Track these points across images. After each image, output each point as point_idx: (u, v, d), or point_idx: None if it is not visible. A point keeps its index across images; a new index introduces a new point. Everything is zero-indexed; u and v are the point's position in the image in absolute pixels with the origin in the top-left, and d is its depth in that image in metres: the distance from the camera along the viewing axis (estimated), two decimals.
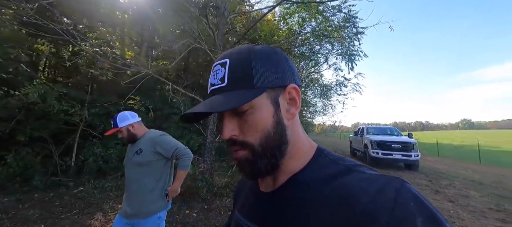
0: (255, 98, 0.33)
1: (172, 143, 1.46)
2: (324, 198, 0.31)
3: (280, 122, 0.36)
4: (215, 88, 0.36)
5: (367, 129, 9.07)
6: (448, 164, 8.80)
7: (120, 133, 1.46)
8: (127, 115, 1.49)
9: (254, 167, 0.35)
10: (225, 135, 0.35)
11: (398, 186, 0.27)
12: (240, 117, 0.35)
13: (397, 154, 7.01)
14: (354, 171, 0.32)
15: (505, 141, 24.28)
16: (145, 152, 1.41)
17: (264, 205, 0.39)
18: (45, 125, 4.73)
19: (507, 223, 2.99)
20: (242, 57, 0.35)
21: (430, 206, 0.26)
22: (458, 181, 5.49)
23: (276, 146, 0.35)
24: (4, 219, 2.55)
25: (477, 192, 4.54)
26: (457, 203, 3.80)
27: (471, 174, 6.52)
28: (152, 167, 1.42)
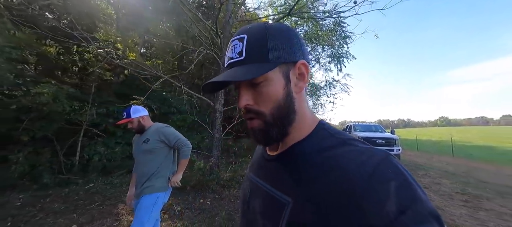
0: (269, 71, 0.37)
1: (175, 133, 1.66)
2: (317, 165, 0.35)
3: (290, 94, 0.39)
4: (233, 61, 0.39)
5: (354, 126, 9.77)
6: (426, 157, 9.71)
7: (131, 123, 1.62)
8: (140, 108, 1.69)
9: (266, 134, 0.39)
10: (241, 103, 0.39)
11: (382, 157, 0.31)
12: (254, 88, 0.39)
13: None
14: (348, 144, 0.36)
15: (476, 136, 26.49)
16: (152, 140, 1.59)
17: (269, 166, 0.44)
18: (49, 125, 4.82)
19: (468, 202, 3.63)
20: (259, 33, 0.38)
21: (407, 174, 0.30)
22: (433, 172, 6.22)
23: (285, 116, 0.39)
24: (34, 211, 2.75)
25: (448, 180, 5.24)
26: (430, 189, 4.43)
27: (445, 166, 7.34)
28: (156, 154, 1.60)
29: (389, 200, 0.27)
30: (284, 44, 0.38)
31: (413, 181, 0.29)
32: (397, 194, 0.27)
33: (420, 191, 0.29)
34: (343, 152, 0.34)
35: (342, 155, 0.34)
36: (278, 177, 0.40)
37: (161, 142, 1.61)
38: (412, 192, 0.28)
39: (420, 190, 0.29)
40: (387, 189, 0.27)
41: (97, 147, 5.30)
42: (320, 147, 0.37)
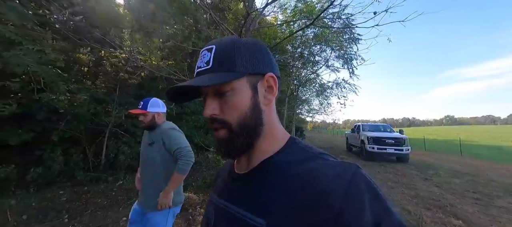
0: (235, 79, 0.37)
1: (178, 140, 1.40)
2: (291, 178, 0.35)
3: (257, 105, 0.39)
4: (200, 70, 0.39)
5: (363, 126, 9.92)
6: (434, 157, 9.84)
7: (144, 116, 1.43)
8: (159, 102, 1.50)
9: (231, 145, 0.38)
10: (207, 112, 0.38)
11: (354, 171, 0.32)
12: (221, 97, 0.38)
13: (390, 148, 7.87)
14: (320, 157, 0.36)
15: (483, 136, 26.27)
16: (156, 144, 1.40)
17: (237, 185, 0.42)
18: (77, 126, 5.14)
19: (479, 200, 3.81)
20: (227, 44, 0.39)
21: (376, 188, 0.32)
22: (443, 171, 6.38)
23: (252, 126, 0.39)
24: (82, 206, 3.05)
25: (458, 179, 5.41)
26: (442, 187, 4.62)
27: (454, 165, 7.48)
28: (161, 161, 1.39)
29: (365, 213, 0.28)
30: (252, 56, 0.39)
31: (381, 193, 0.31)
32: (371, 207, 0.29)
33: (388, 203, 0.31)
34: (316, 165, 0.35)
35: (315, 168, 0.34)
36: (249, 197, 0.38)
37: (163, 147, 1.40)
38: (384, 204, 0.30)
39: (388, 202, 0.31)
40: (362, 202, 0.29)
41: (121, 146, 5.61)
42: (293, 160, 0.37)
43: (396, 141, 7.95)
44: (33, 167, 4.15)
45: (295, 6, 8.02)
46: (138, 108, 1.44)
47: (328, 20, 6.86)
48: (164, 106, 1.52)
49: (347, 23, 7.72)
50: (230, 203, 0.41)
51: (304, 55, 9.71)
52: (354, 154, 10.12)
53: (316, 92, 13.64)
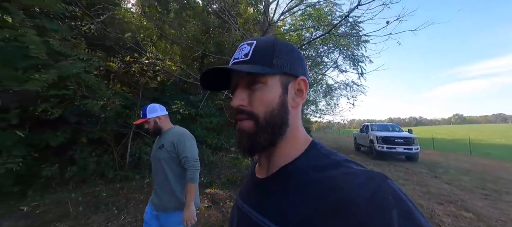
0: (270, 75, 0.38)
1: (186, 147, 1.42)
2: (311, 186, 0.33)
3: (285, 104, 0.40)
4: (237, 61, 0.40)
5: (371, 126, 10.08)
6: (443, 156, 9.91)
7: (147, 123, 1.48)
8: (157, 107, 1.52)
9: (254, 139, 0.38)
10: (235, 102, 0.39)
11: (380, 182, 0.30)
12: (251, 90, 0.39)
13: (400, 148, 8.03)
14: (342, 165, 0.35)
15: (494, 135, 25.85)
16: (167, 146, 1.43)
17: (258, 190, 0.43)
18: (105, 128, 5.53)
19: (488, 196, 4.00)
20: (268, 42, 0.41)
21: (408, 202, 0.28)
22: (452, 170, 6.53)
23: (277, 123, 0.39)
24: (123, 200, 3.40)
25: (467, 177, 5.57)
26: (452, 184, 4.80)
27: (463, 164, 7.59)
28: (173, 163, 1.42)
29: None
30: (288, 57, 0.40)
31: (415, 208, 0.28)
32: (400, 224, 0.25)
33: (423, 220, 0.27)
34: (338, 173, 0.33)
35: (338, 176, 0.33)
36: (268, 203, 0.38)
37: (173, 150, 1.42)
38: (416, 222, 0.26)
39: (423, 218, 0.27)
40: (389, 218, 0.26)
41: (142, 147, 5.99)
42: (314, 166, 0.36)
43: (405, 140, 8.11)
44: (68, 166, 4.54)
45: (305, 10, 8.28)
46: (140, 118, 1.51)
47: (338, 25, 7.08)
48: (162, 109, 1.54)
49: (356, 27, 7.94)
50: (251, 208, 0.41)
51: (311, 56, 9.93)
52: (363, 154, 10.28)
53: (324, 93, 13.83)
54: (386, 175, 0.31)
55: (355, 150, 11.87)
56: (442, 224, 2.80)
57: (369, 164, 7.29)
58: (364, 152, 10.62)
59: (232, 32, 7.27)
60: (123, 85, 5.88)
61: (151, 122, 1.48)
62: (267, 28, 3.71)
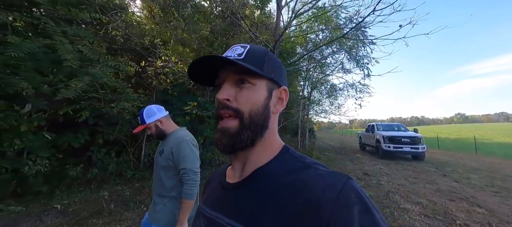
0: (259, 77, 0.41)
1: (186, 157, 1.25)
2: (283, 188, 0.35)
3: (268, 107, 0.42)
4: (231, 58, 0.39)
5: (377, 126, 10.20)
6: (448, 155, 10.01)
7: (149, 129, 1.35)
8: (154, 109, 1.38)
9: (238, 137, 0.39)
10: (222, 95, 0.39)
11: (344, 181, 0.33)
12: (239, 87, 0.40)
13: (406, 147, 8.15)
14: (312, 167, 0.37)
15: (497, 133, 25.84)
16: (166, 153, 1.29)
17: (228, 195, 0.43)
18: (120, 130, 5.70)
19: (498, 192, 4.12)
20: (260, 49, 0.44)
21: (367, 200, 0.32)
22: (460, 168, 6.64)
23: (259, 124, 0.40)
24: (147, 197, 3.55)
25: (475, 175, 5.68)
26: (461, 182, 4.92)
27: (470, 163, 7.70)
28: (171, 173, 1.28)
29: (353, 226, 0.28)
30: (275, 67, 0.43)
31: (372, 206, 0.31)
32: (360, 219, 0.29)
33: (379, 217, 0.30)
34: (308, 175, 0.35)
35: (307, 178, 0.35)
36: (240, 208, 0.38)
37: (171, 157, 1.27)
38: (373, 217, 0.30)
39: (379, 215, 0.31)
40: (351, 214, 0.29)
41: (154, 147, 6.15)
42: (285, 169, 0.38)
43: (412, 139, 8.22)
44: (86, 166, 4.72)
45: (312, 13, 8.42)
46: (141, 124, 1.37)
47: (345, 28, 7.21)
48: (161, 110, 1.39)
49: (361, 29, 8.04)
50: (222, 215, 0.40)
51: (315, 57, 10.06)
52: (368, 153, 10.40)
53: (327, 93, 13.96)
54: (349, 176, 0.34)
55: (360, 149, 11.98)
56: (456, 219, 2.92)
57: (376, 163, 7.41)
58: (369, 152, 10.73)
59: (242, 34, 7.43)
60: (138, 88, 6.05)
61: (152, 126, 1.34)
62: (283, 33, 3.85)
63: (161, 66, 5.91)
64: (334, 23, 7.87)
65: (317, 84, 12.42)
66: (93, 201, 3.38)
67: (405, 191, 4.21)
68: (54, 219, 2.70)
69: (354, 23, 6.99)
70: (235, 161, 0.44)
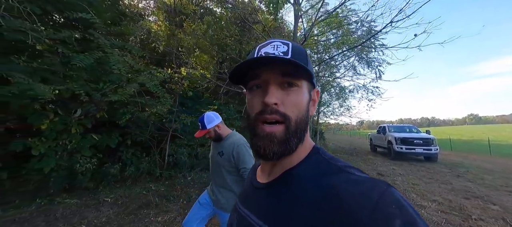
0: (305, 78, 0.39)
1: (245, 158, 1.46)
2: (313, 193, 0.33)
3: (308, 110, 0.41)
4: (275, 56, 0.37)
5: (388, 127, 10.32)
6: (462, 156, 10.00)
7: (208, 133, 1.53)
8: (213, 116, 1.56)
9: (286, 144, 0.37)
10: (271, 99, 0.36)
11: (382, 190, 0.29)
12: (285, 91, 0.38)
13: (419, 149, 8.26)
14: (344, 171, 0.35)
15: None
16: (226, 155, 1.49)
17: (258, 195, 0.43)
18: (146, 131, 6.14)
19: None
20: (301, 47, 0.41)
21: (411, 211, 0.28)
22: (474, 169, 6.72)
23: (303, 129, 0.39)
24: (182, 193, 3.92)
25: (490, 176, 5.78)
26: (475, 183, 5.06)
27: (484, 164, 7.73)
28: (233, 170, 1.50)
29: None
30: (312, 67, 0.42)
31: (418, 216, 0.27)
32: None
33: None
34: (340, 180, 0.33)
35: (340, 184, 0.32)
36: (268, 209, 0.38)
37: (232, 159, 1.49)
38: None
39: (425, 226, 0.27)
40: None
41: (179, 148, 6.56)
42: (316, 172, 0.36)
43: (424, 141, 8.32)
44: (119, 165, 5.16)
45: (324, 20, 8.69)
46: (199, 130, 1.58)
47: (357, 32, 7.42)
48: (218, 117, 1.59)
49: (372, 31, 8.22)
50: (250, 213, 0.41)
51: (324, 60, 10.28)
52: (380, 154, 10.51)
53: (336, 95, 14.11)
54: (388, 183, 0.31)
55: (371, 151, 12.08)
56: (472, 214, 3.14)
57: (389, 164, 7.57)
58: (381, 153, 10.83)
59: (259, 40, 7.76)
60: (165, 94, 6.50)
61: (211, 131, 1.53)
62: (303, 42, 4.17)
63: (187, 73, 6.35)
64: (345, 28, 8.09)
65: (327, 86, 12.63)
66: (135, 196, 3.79)
67: (420, 190, 4.42)
68: (110, 210, 3.10)
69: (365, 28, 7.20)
70: (264, 162, 0.44)
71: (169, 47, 6.05)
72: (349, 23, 7.87)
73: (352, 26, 8.01)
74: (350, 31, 8.07)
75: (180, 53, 6.00)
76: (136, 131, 5.79)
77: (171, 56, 6.33)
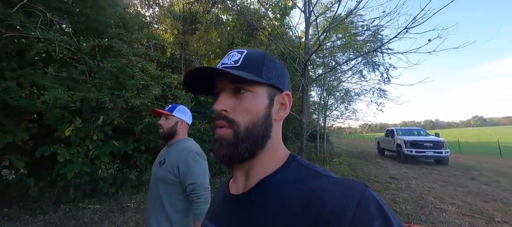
0: (258, 84, 0.39)
1: (196, 171, 1.10)
2: (293, 199, 0.33)
3: (269, 116, 0.40)
4: (226, 66, 0.39)
5: (396, 130, 10.30)
6: (472, 159, 9.92)
7: (166, 119, 1.24)
8: (187, 111, 1.33)
9: (233, 149, 0.36)
10: (218, 106, 0.37)
11: (362, 191, 0.30)
12: (236, 97, 0.38)
13: (429, 151, 8.22)
14: (324, 176, 0.35)
15: None
16: (168, 164, 1.13)
17: (232, 207, 0.40)
18: (159, 137, 6.23)
19: None
20: (258, 53, 0.41)
21: (387, 211, 0.29)
22: (487, 172, 6.68)
23: (259, 135, 0.38)
24: None
25: (504, 178, 5.74)
26: (491, 186, 5.04)
27: (496, 167, 7.67)
28: (173, 189, 1.11)
29: None
30: (276, 71, 0.41)
31: (393, 218, 0.29)
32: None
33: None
34: (320, 183, 0.33)
35: (319, 187, 0.32)
36: (246, 220, 0.36)
37: (177, 170, 1.11)
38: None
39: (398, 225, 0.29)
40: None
41: None
42: (293, 178, 0.36)
43: (434, 144, 8.29)
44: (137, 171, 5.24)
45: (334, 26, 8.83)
46: (165, 109, 1.28)
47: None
48: (190, 118, 1.34)
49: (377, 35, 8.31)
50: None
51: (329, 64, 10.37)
52: (388, 158, 10.46)
53: (342, 98, 14.15)
54: (365, 184, 0.32)
55: (379, 154, 12.03)
56: (494, 217, 3.14)
57: (400, 167, 7.55)
58: (389, 156, 10.79)
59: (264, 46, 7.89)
60: None
61: (172, 120, 1.24)
62: (317, 49, 4.27)
63: None
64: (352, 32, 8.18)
65: (333, 90, 12.68)
66: None
67: (437, 193, 4.42)
68: (134, 215, 3.16)
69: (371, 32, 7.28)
70: (237, 172, 0.42)
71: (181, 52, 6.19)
72: (356, 28, 8.00)
73: (359, 30, 8.12)
74: (357, 35, 8.17)
75: (193, 58, 6.14)
76: (149, 137, 5.89)
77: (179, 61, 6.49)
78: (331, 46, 9.24)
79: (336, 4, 4.31)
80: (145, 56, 4.21)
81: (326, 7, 8.25)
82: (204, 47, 6.26)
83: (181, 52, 6.47)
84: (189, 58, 6.24)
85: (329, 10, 7.55)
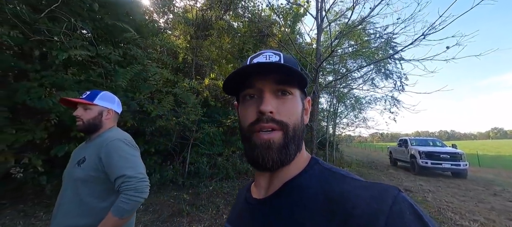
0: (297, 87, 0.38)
1: (126, 161, 0.92)
2: (320, 203, 0.31)
3: (303, 118, 0.40)
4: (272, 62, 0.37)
5: (410, 140, 9.92)
6: (493, 173, 9.34)
7: (86, 110, 1.00)
8: (115, 99, 1.10)
9: (285, 150, 0.35)
10: (267, 107, 0.35)
11: (395, 194, 0.28)
12: (279, 99, 0.38)
13: (446, 164, 7.82)
14: (350, 178, 0.34)
15: None
16: (88, 161, 0.94)
17: (256, 211, 0.39)
18: (169, 140, 6.30)
19: None
20: (291, 57, 0.41)
21: (424, 217, 0.27)
22: (510, 188, 6.25)
23: (300, 137, 0.38)
24: (208, 203, 3.96)
25: None
26: None
27: None
28: (95, 186, 0.93)
29: None
30: (304, 76, 0.39)
31: (428, 221, 0.27)
32: None
33: None
34: (347, 186, 0.32)
35: (347, 190, 0.31)
36: (272, 223, 0.35)
37: (99, 165, 0.93)
38: None
39: None
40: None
41: (198, 157, 6.66)
42: (318, 181, 0.35)
43: (452, 156, 7.90)
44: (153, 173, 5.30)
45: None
46: (81, 98, 1.01)
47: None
48: (119, 106, 1.12)
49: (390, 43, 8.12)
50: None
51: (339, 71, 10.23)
52: (401, 169, 10.05)
53: (352, 106, 13.87)
54: (399, 188, 0.29)
55: (391, 164, 11.60)
56: None
57: (414, 179, 7.21)
58: (402, 167, 10.36)
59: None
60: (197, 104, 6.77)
61: (94, 109, 1.01)
62: (329, 55, 4.22)
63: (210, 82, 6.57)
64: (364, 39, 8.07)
65: (343, 98, 12.48)
66: (164, 204, 3.86)
67: (456, 208, 4.16)
68: (143, 217, 3.17)
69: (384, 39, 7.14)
70: (260, 177, 0.41)
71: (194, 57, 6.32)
72: (368, 35, 7.89)
73: (371, 38, 7.99)
74: (369, 42, 8.05)
75: (204, 63, 6.24)
76: (159, 139, 5.97)
77: (190, 66, 6.61)
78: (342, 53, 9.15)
79: (350, 12, 4.26)
80: (158, 61, 4.32)
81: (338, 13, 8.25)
82: (216, 52, 6.36)
83: (193, 57, 6.59)
84: (200, 63, 6.35)
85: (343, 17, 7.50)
